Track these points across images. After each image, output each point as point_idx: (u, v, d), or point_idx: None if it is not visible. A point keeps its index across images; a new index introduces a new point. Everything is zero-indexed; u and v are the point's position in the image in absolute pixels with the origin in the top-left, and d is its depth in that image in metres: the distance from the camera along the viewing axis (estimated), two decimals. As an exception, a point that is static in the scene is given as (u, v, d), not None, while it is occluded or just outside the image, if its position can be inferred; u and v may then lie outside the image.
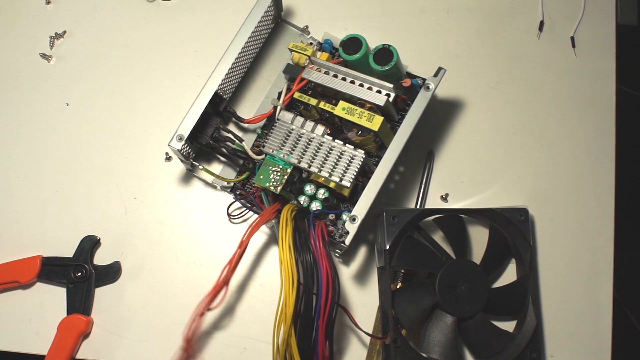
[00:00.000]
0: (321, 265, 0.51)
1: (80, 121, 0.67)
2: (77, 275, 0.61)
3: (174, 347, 0.53)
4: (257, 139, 0.63)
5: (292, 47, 0.60)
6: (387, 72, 0.58)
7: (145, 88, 0.67)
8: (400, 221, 0.57)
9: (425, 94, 0.56)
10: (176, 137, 0.56)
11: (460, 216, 0.61)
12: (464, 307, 0.57)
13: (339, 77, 0.58)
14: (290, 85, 0.61)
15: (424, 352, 0.57)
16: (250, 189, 0.61)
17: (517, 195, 0.65)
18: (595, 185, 0.65)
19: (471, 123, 0.67)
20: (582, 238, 0.64)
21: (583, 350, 0.61)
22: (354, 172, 0.55)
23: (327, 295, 0.50)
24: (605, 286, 0.63)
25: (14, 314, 0.61)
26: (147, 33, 0.69)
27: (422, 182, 0.64)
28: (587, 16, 0.70)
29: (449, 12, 0.70)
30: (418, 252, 0.59)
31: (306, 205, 0.57)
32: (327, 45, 0.63)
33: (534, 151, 0.66)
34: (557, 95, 0.68)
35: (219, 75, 0.58)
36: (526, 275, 0.59)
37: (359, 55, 0.59)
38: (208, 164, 0.64)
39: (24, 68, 0.68)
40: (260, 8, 0.60)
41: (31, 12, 0.70)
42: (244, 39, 0.59)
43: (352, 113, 0.56)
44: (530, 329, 0.58)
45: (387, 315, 0.56)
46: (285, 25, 0.68)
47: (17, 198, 0.64)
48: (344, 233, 0.54)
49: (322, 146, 0.56)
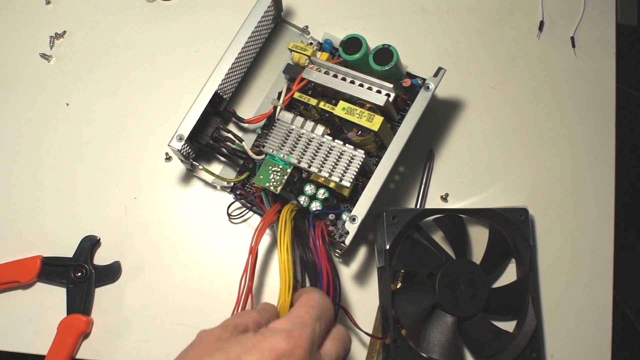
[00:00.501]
0: (322, 265, 0.51)
1: (80, 121, 0.67)
2: (77, 275, 0.61)
3: (174, 347, 0.53)
4: (257, 139, 0.63)
5: (292, 47, 0.60)
6: (387, 72, 0.58)
7: (145, 88, 0.67)
8: (400, 221, 0.57)
9: (425, 94, 0.56)
10: (176, 137, 0.56)
11: (460, 216, 0.61)
12: (464, 307, 0.57)
13: (339, 77, 0.58)
14: (290, 85, 0.61)
15: (424, 352, 0.57)
16: (250, 189, 0.61)
17: (516, 195, 0.65)
18: (595, 185, 0.65)
19: (471, 123, 0.67)
20: (582, 238, 0.64)
21: (583, 350, 0.61)
22: (354, 172, 0.55)
23: (327, 293, 0.50)
24: (605, 286, 0.63)
25: (14, 314, 0.61)
26: (147, 33, 0.69)
27: (422, 182, 0.64)
28: (587, 16, 0.70)
29: (449, 12, 0.70)
30: (418, 252, 0.59)
31: (306, 205, 0.57)
32: (327, 45, 0.63)
33: (533, 151, 0.66)
34: (557, 95, 0.68)
35: (219, 75, 0.58)
36: (526, 276, 0.59)
37: (359, 55, 0.59)
38: (208, 164, 0.64)
39: (24, 68, 0.68)
40: (260, 8, 0.60)
41: (31, 12, 0.70)
42: (244, 39, 0.59)
43: (352, 113, 0.56)
44: (530, 329, 0.58)
45: (387, 315, 0.56)
46: (285, 25, 0.68)
47: (16, 198, 0.64)
48: (344, 233, 0.54)
49: (322, 146, 0.56)
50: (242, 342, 0.40)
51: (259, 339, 0.40)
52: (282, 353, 0.39)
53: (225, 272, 0.62)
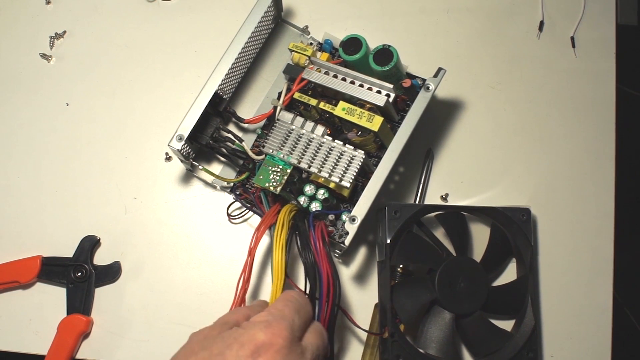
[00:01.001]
0: (322, 266, 0.51)
1: (80, 121, 0.67)
2: (77, 275, 0.61)
3: (174, 347, 0.53)
4: (257, 139, 0.63)
5: (292, 47, 0.60)
6: (387, 72, 0.58)
7: (145, 88, 0.67)
8: (402, 216, 0.57)
9: (425, 95, 0.56)
10: (176, 137, 0.56)
11: (462, 213, 0.61)
12: (463, 304, 0.57)
13: (339, 78, 0.58)
14: (290, 86, 0.61)
15: (421, 347, 0.57)
16: (250, 189, 0.61)
17: (516, 195, 0.65)
18: (595, 185, 0.65)
19: (471, 123, 0.67)
20: (582, 238, 0.64)
21: (583, 350, 0.61)
22: (354, 172, 0.55)
23: (327, 296, 0.50)
24: (605, 286, 0.63)
25: (14, 314, 0.61)
26: (147, 33, 0.69)
27: (421, 181, 0.64)
28: (587, 16, 0.70)
29: (449, 12, 0.70)
30: (419, 248, 0.59)
31: (306, 205, 0.57)
32: (327, 46, 0.63)
33: (533, 151, 0.66)
34: (557, 95, 0.68)
35: (219, 75, 0.58)
36: (526, 275, 0.59)
37: (359, 55, 0.59)
38: (208, 164, 0.64)
39: (24, 68, 0.68)
40: (260, 8, 0.60)
41: (31, 12, 0.70)
42: (244, 39, 0.59)
43: (352, 113, 0.56)
44: (529, 329, 0.58)
45: (385, 310, 0.56)
46: (286, 25, 0.68)
47: (16, 198, 0.64)
48: (344, 233, 0.54)
49: (322, 146, 0.56)
50: (225, 337, 0.41)
51: (240, 333, 0.41)
52: (262, 344, 0.40)
53: (225, 272, 0.62)
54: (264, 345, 0.40)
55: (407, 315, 0.57)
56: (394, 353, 0.55)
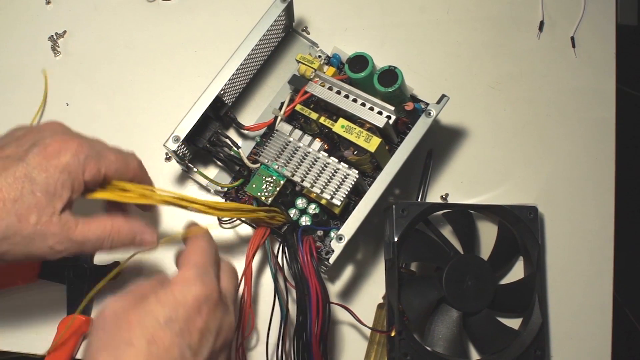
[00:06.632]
0: (310, 281, 0.51)
1: (80, 121, 0.66)
2: (77, 275, 0.61)
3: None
4: (256, 147, 0.63)
5: (299, 58, 0.60)
6: (390, 94, 0.57)
7: (145, 88, 0.67)
8: (410, 214, 0.57)
9: (426, 120, 0.56)
10: (172, 138, 0.56)
11: (469, 212, 0.61)
12: (470, 302, 0.57)
13: (341, 94, 0.57)
14: (293, 97, 0.61)
15: (429, 345, 0.57)
16: (243, 197, 0.61)
17: (515, 194, 0.65)
18: (595, 185, 0.65)
19: (471, 123, 0.67)
20: (582, 238, 0.64)
21: (583, 350, 0.62)
22: (346, 191, 0.55)
23: (317, 311, 0.50)
24: (605, 286, 0.63)
25: (14, 314, 0.61)
26: (147, 33, 0.69)
27: (422, 182, 0.64)
28: (587, 16, 0.70)
29: (449, 12, 0.70)
30: (426, 246, 0.60)
31: (296, 218, 0.57)
32: (335, 60, 0.62)
33: (533, 151, 0.66)
34: (557, 95, 0.68)
35: (222, 80, 0.58)
36: (533, 274, 0.59)
37: (364, 74, 0.58)
38: (205, 166, 0.64)
39: (24, 68, 0.68)
40: (270, 17, 0.59)
41: (31, 12, 0.70)
42: (251, 46, 0.58)
43: (350, 132, 0.56)
44: (536, 327, 0.58)
45: (392, 308, 0.56)
46: (297, 35, 0.67)
47: (17, 198, 0.64)
48: (330, 250, 0.54)
49: (317, 162, 0.56)
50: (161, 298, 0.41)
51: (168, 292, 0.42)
52: (204, 299, 0.42)
53: (225, 272, 0.62)
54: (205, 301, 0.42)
55: (415, 314, 0.57)
56: (401, 351, 0.55)
